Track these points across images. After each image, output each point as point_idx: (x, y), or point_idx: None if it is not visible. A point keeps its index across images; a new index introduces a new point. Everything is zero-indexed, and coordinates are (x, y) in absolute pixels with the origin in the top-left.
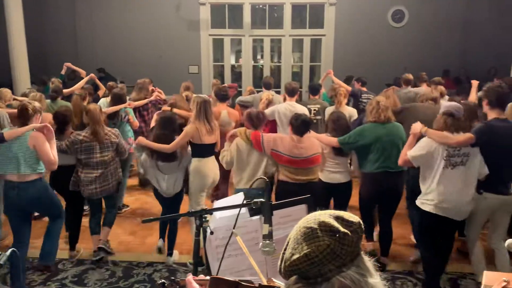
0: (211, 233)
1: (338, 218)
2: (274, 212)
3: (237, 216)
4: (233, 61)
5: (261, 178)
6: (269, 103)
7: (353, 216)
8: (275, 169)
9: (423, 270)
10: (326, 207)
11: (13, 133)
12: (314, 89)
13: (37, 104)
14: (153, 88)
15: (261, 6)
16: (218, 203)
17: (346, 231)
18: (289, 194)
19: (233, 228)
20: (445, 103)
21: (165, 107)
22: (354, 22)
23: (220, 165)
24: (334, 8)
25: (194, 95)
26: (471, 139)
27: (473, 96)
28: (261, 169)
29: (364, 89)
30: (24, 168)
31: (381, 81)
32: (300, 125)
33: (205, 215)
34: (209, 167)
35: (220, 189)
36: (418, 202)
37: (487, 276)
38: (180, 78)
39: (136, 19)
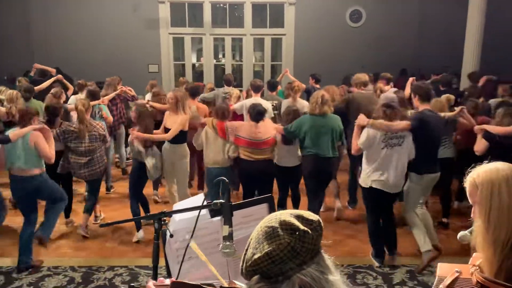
0: (171, 236)
1: (298, 217)
2: (236, 212)
3: (197, 219)
4: (194, 60)
5: (222, 178)
6: (239, 98)
7: (313, 215)
8: (236, 153)
9: (370, 236)
10: (283, 185)
11: (17, 134)
12: (272, 86)
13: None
14: (122, 87)
15: (221, 5)
16: (177, 205)
17: (306, 229)
18: (249, 169)
19: (193, 230)
20: (384, 95)
21: (142, 100)
22: (313, 21)
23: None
24: (293, 8)
25: (174, 89)
26: (409, 126)
27: (407, 91)
28: (224, 152)
29: (318, 86)
30: (27, 164)
31: (340, 79)
32: (256, 114)
33: (164, 218)
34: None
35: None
36: (361, 181)
37: (441, 268)
38: (139, 77)
39: (93, 17)
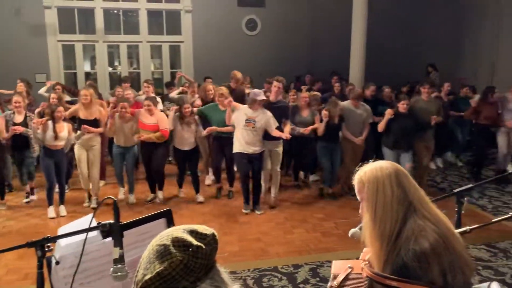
0: (57, 263)
1: (192, 232)
2: (130, 231)
3: (84, 242)
4: (87, 68)
5: (108, 198)
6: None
7: (207, 229)
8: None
9: (242, 188)
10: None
11: None
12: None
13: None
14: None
15: (114, 11)
16: (62, 229)
17: (199, 244)
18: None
19: (81, 254)
20: (252, 92)
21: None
22: (210, 29)
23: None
24: (190, 15)
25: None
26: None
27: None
28: (132, 134)
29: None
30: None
31: None
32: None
33: (48, 244)
34: None
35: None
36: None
37: (335, 265)
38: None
39: None
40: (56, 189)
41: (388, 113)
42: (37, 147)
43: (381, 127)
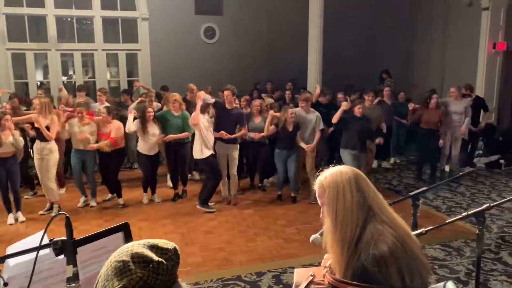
0: (5, 284)
1: (152, 247)
2: (85, 246)
3: (35, 261)
4: (40, 77)
5: (62, 213)
6: None
7: (168, 243)
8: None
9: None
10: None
11: None
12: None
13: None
14: None
15: (68, 18)
16: (11, 248)
17: (160, 259)
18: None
19: (32, 274)
20: (203, 97)
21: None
22: (168, 37)
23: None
24: (147, 23)
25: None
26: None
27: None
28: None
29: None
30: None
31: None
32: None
33: None
34: None
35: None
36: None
37: (297, 273)
38: None
39: None
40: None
41: (344, 105)
42: None
43: (335, 118)
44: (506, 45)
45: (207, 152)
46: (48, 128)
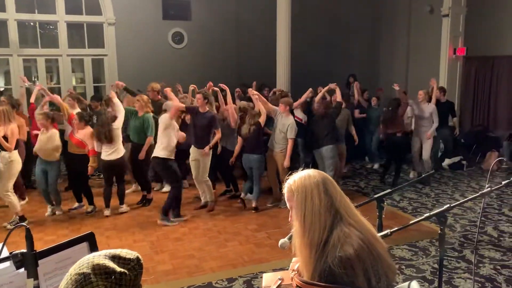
0: None
1: (114, 258)
2: (48, 258)
3: None
4: (1, 83)
5: (22, 225)
6: None
7: (130, 253)
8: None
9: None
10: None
11: None
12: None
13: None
14: None
15: (30, 23)
16: None
17: (123, 270)
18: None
19: None
20: (165, 103)
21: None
22: (136, 42)
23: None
24: (113, 28)
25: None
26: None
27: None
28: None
29: None
30: None
31: None
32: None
33: None
34: None
35: None
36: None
37: (265, 278)
38: None
39: None
40: None
41: (309, 91)
42: None
43: (302, 98)
44: (466, 50)
45: (166, 154)
46: (6, 138)
